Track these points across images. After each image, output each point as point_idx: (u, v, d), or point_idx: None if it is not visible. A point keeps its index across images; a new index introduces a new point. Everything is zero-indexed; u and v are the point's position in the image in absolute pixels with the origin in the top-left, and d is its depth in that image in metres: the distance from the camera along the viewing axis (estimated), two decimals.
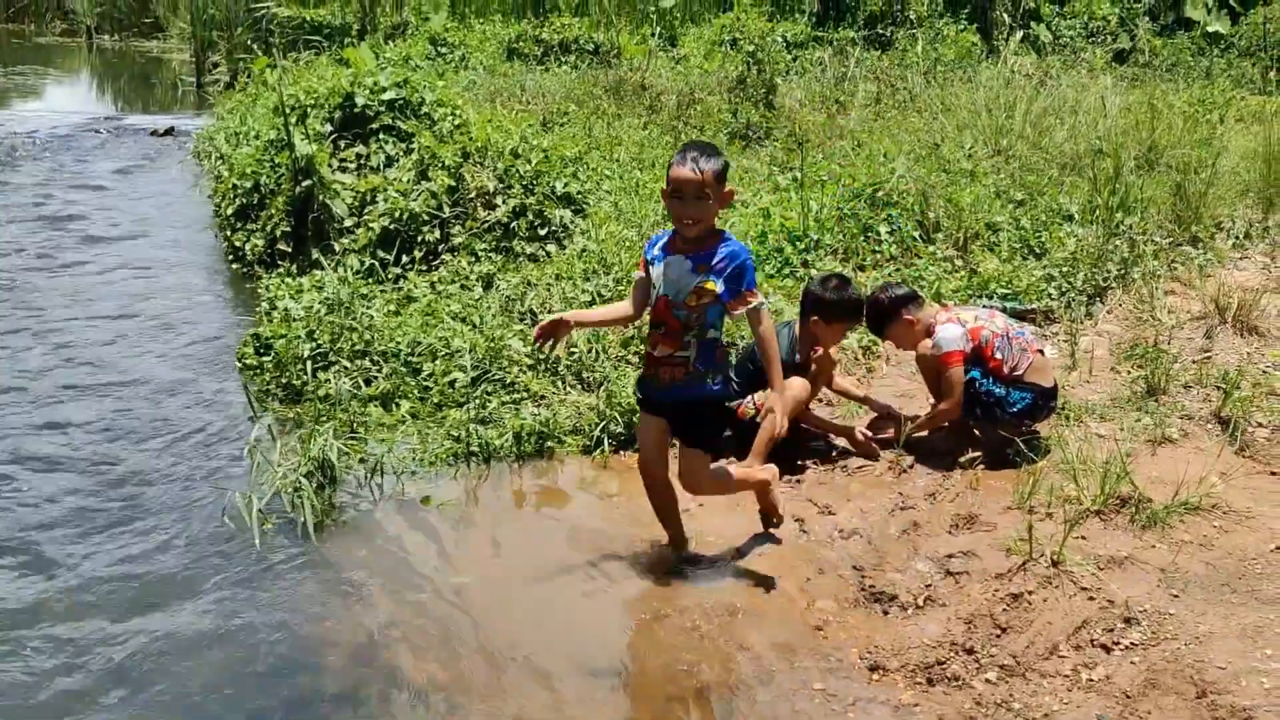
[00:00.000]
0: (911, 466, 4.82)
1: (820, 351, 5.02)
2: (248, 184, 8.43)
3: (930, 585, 3.91)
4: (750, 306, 3.86)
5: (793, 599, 3.98)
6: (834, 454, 5.07)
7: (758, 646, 3.72)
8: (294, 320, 6.38)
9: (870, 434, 5.08)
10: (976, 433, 4.91)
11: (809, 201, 7.03)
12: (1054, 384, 4.84)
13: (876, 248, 6.77)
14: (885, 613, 3.86)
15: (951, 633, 3.66)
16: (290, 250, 7.82)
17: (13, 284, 7.99)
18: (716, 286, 3.82)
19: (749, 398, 4.95)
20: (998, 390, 4.73)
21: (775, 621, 3.87)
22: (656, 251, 3.97)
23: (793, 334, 5.05)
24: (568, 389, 5.73)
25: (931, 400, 5.04)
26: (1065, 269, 6.65)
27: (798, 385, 4.85)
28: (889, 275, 6.45)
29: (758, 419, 4.63)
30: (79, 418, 5.61)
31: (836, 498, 4.64)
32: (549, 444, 5.24)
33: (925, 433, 4.99)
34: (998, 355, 4.75)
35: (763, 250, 6.79)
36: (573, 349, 5.84)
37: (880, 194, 7.09)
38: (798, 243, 6.72)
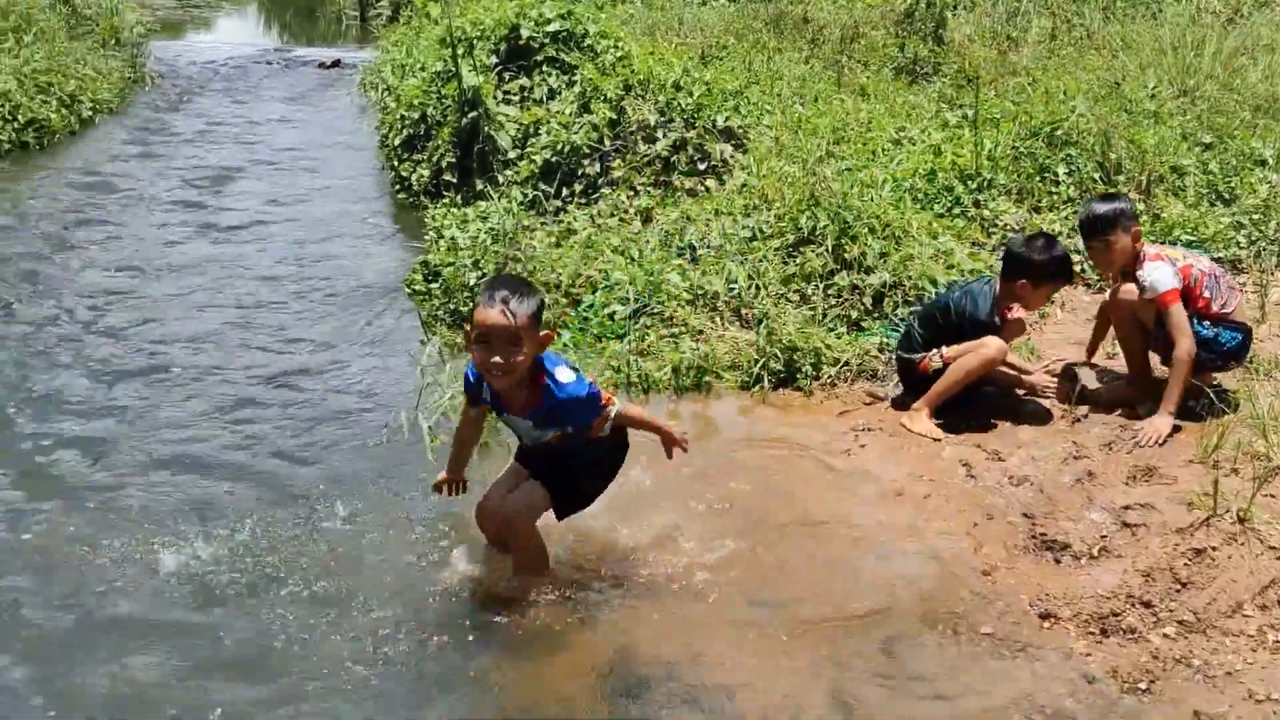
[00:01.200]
0: (1086, 416, 4.65)
1: (1014, 313, 4.82)
2: (414, 115, 8.62)
3: (1106, 536, 3.79)
4: (609, 420, 3.49)
5: (959, 543, 3.91)
6: (1005, 401, 4.93)
7: (922, 587, 3.68)
8: (460, 249, 6.54)
9: (1053, 377, 4.93)
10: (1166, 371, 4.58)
11: (983, 139, 6.77)
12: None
13: (1053, 189, 6.49)
14: (1057, 561, 3.76)
15: (1128, 585, 3.55)
16: (455, 181, 7.98)
17: (188, 205, 8.41)
18: (568, 430, 3.47)
19: (933, 351, 4.83)
20: (1205, 331, 4.47)
21: (940, 564, 3.81)
22: (486, 395, 3.48)
23: (994, 292, 4.83)
24: (726, 325, 5.71)
25: (1119, 354, 4.82)
26: (1256, 217, 6.26)
27: (994, 347, 4.70)
28: (1066, 218, 6.19)
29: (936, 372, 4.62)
30: (255, 336, 5.89)
31: (1006, 444, 4.51)
32: (706, 378, 5.25)
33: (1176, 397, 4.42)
34: (1206, 294, 4.47)
35: (931, 188, 6.60)
36: (732, 284, 5.82)
37: (1059, 133, 6.78)
38: (969, 182, 6.50)
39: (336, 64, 14.99)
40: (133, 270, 6.85)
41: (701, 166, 7.28)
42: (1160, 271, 4.45)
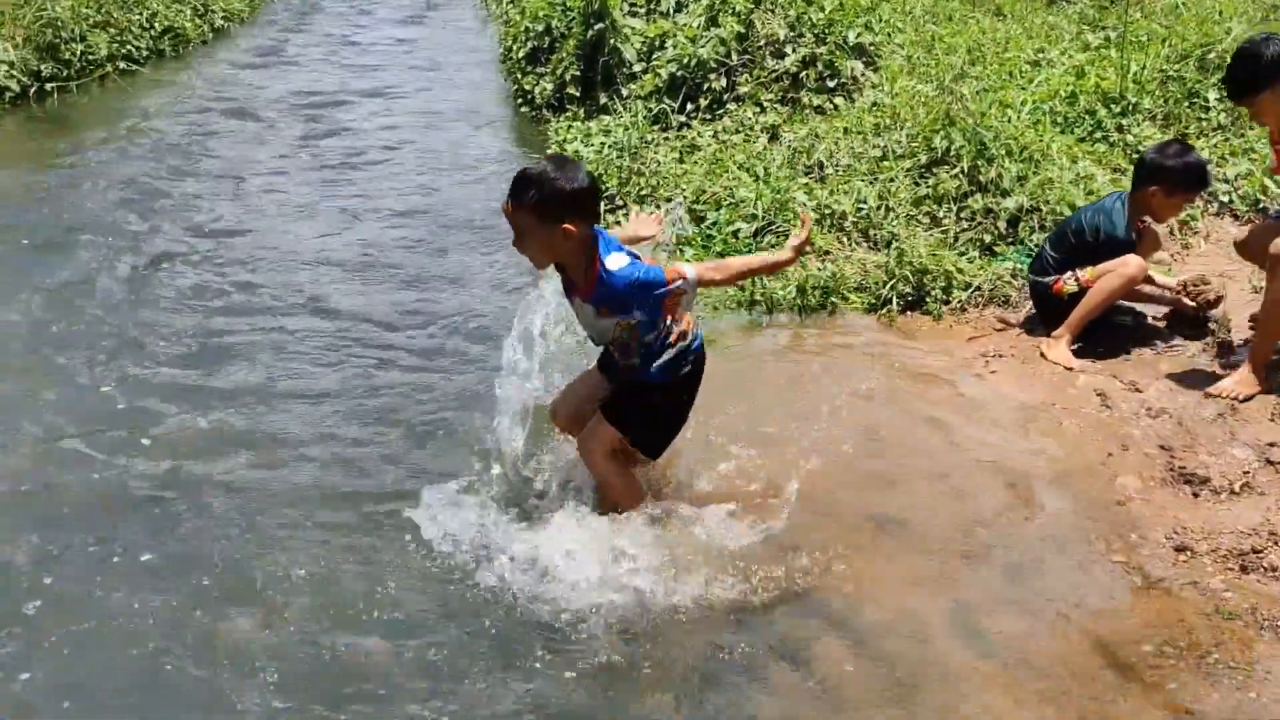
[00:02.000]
0: (1229, 345, 4.48)
1: (1147, 224, 4.66)
2: (539, 28, 8.59)
3: (1248, 472, 3.67)
4: (684, 294, 3.20)
5: (1093, 471, 3.82)
6: (1143, 330, 4.77)
7: (1055, 512, 3.62)
8: (584, 162, 6.52)
9: (1195, 297, 4.71)
10: None
11: (1128, 61, 6.47)
12: None
13: (1203, 115, 6.18)
14: (1195, 495, 3.65)
15: (1271, 522, 3.43)
16: (578, 95, 7.95)
17: (311, 119, 8.55)
18: (635, 318, 3.22)
19: (1068, 273, 4.69)
20: None
21: (1074, 491, 3.74)
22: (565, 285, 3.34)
23: (1127, 206, 4.66)
24: (853, 245, 5.63)
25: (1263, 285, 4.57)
26: None
27: (1135, 265, 4.54)
28: (1215, 146, 5.90)
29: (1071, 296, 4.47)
30: (384, 253, 5.97)
31: (1144, 375, 4.38)
32: (832, 299, 5.20)
33: None
34: None
35: (1072, 112, 6.35)
36: (861, 205, 5.72)
37: (1211, 56, 6.43)
38: (1113, 105, 6.24)
39: None
40: (255, 192, 6.97)
41: (830, 84, 7.11)
42: None
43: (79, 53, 9.00)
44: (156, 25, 10.36)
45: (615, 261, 3.14)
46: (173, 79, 9.52)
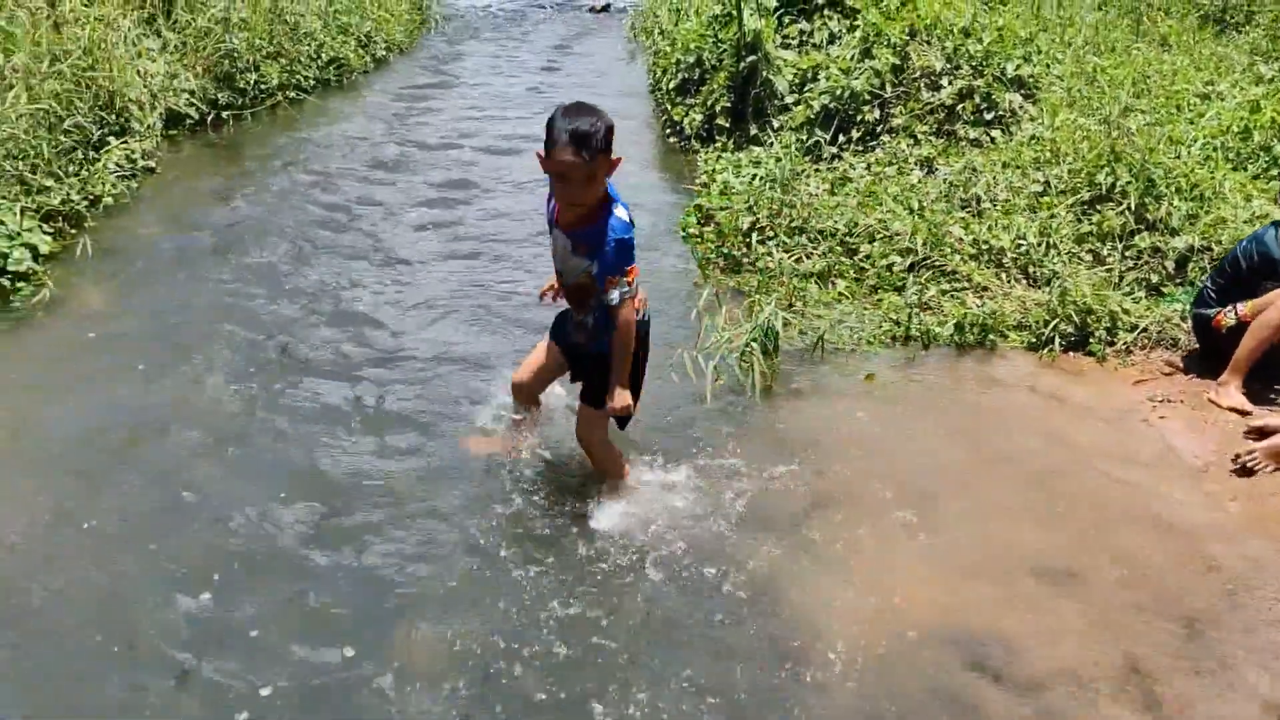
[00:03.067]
0: None
1: None
2: (690, 59, 8.67)
3: None
4: (609, 297, 3.39)
5: (1269, 528, 3.65)
6: None
7: (1231, 569, 3.47)
8: (734, 193, 6.57)
9: None
10: None
11: None
12: None
13: None
14: None
15: None
16: (728, 126, 7.99)
17: (468, 135, 8.80)
18: (593, 269, 3.40)
19: (1228, 307, 4.51)
20: None
21: (1250, 546, 3.58)
22: (548, 214, 3.60)
23: None
24: (1012, 282, 5.51)
25: None
26: None
27: None
28: None
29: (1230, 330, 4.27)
30: (521, 278, 6.11)
31: None
32: (991, 337, 5.09)
33: None
34: None
35: (1246, 148, 6.10)
36: (1020, 240, 5.59)
37: None
38: None
39: (606, 9, 15.29)
40: (416, 219, 7.21)
41: (988, 116, 6.99)
42: None
43: (253, 82, 9.49)
44: (323, 56, 10.83)
45: (622, 213, 3.41)
46: (338, 107, 9.93)
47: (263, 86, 9.63)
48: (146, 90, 8.17)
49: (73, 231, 6.25)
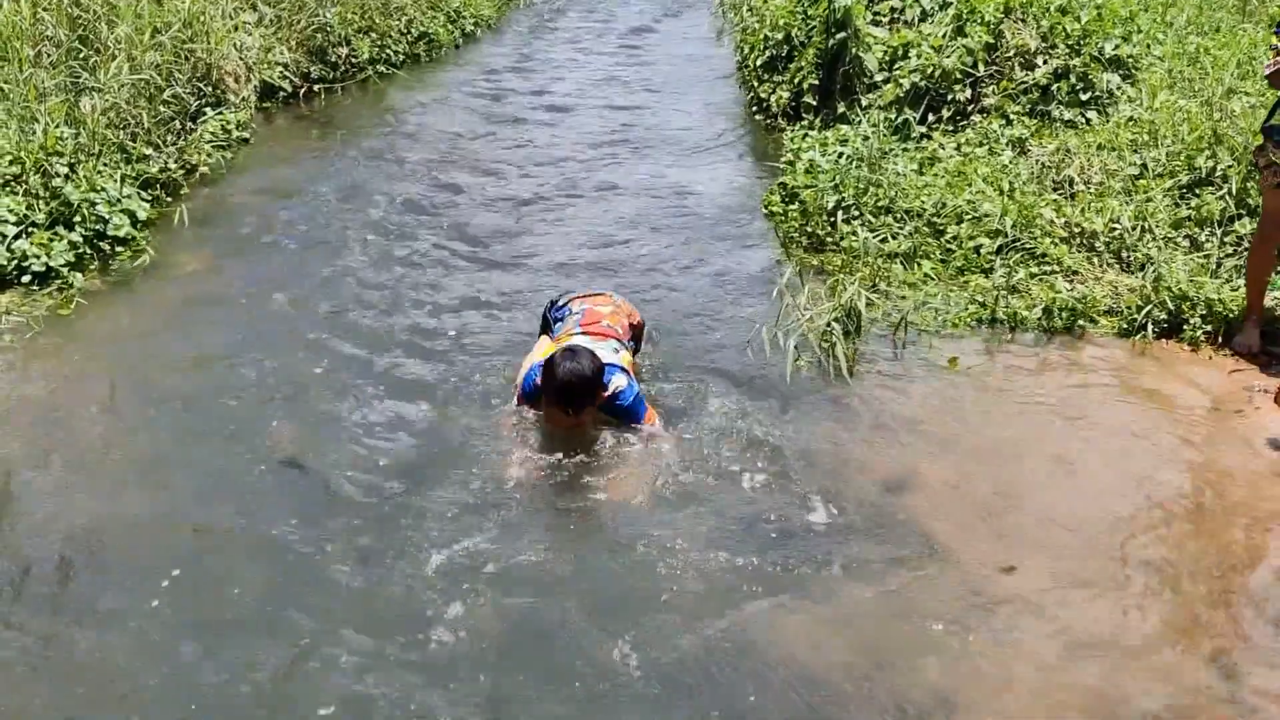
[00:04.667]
0: None
1: None
2: (779, 35, 8.58)
3: None
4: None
5: None
6: None
7: None
8: (820, 172, 6.50)
9: None
10: None
11: None
12: None
13: None
14: None
15: None
16: (815, 103, 7.91)
17: (550, 122, 8.84)
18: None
19: None
20: None
21: None
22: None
23: None
24: (1104, 267, 5.38)
25: None
26: None
27: None
28: None
29: None
30: (613, 254, 6.12)
31: None
32: (1080, 322, 4.98)
33: None
34: None
35: None
36: (1114, 224, 5.46)
37: None
38: None
39: None
40: (502, 193, 7.24)
41: (1084, 97, 6.81)
42: None
43: (344, 56, 9.65)
44: (413, 31, 10.96)
45: (620, 381, 3.82)
46: (428, 82, 10.06)
47: (354, 60, 9.79)
48: (242, 62, 8.35)
49: (169, 200, 6.43)
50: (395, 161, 7.54)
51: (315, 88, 9.25)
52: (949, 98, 7.15)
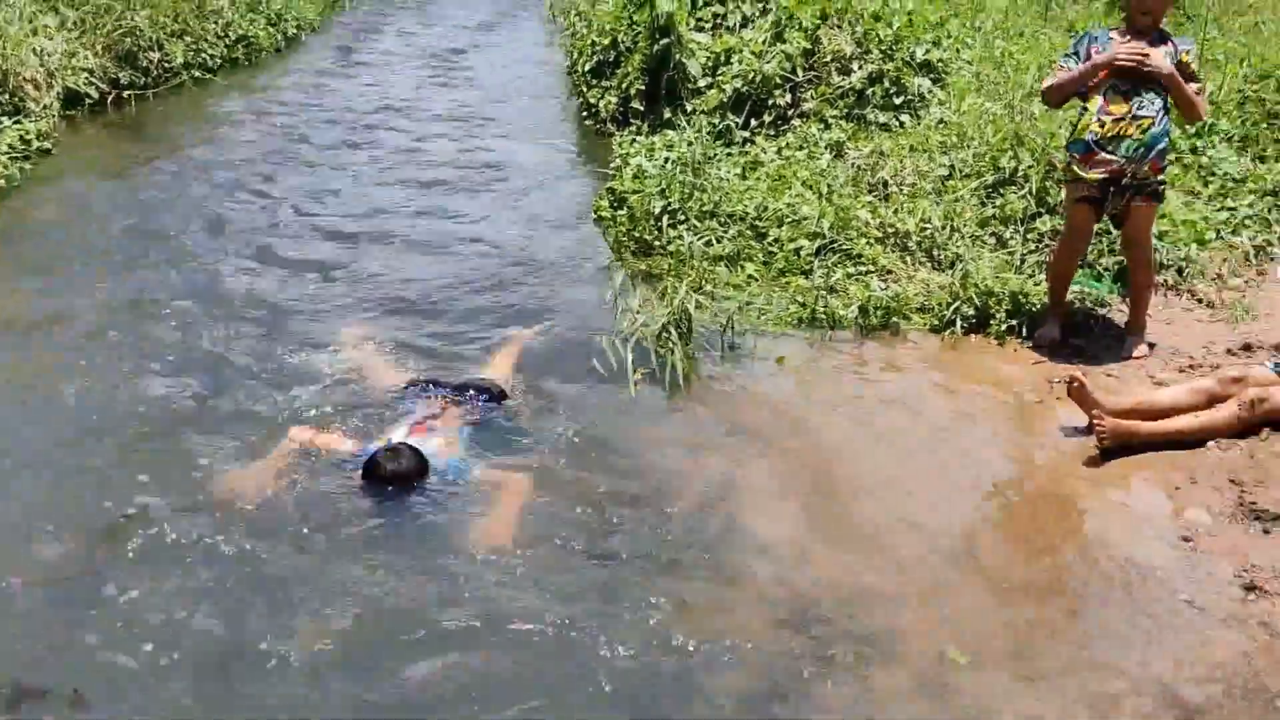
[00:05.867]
0: None
1: None
2: (605, 41, 8.63)
3: None
4: None
5: (1161, 505, 3.75)
6: (1209, 360, 4.67)
7: (1119, 548, 3.55)
8: (647, 177, 6.55)
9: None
10: None
11: (1205, 81, 6.33)
12: None
13: None
14: (1266, 532, 3.56)
15: None
16: (642, 109, 7.97)
17: (383, 121, 8.67)
18: None
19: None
20: None
21: (1139, 526, 3.67)
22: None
23: None
24: (916, 265, 5.58)
25: None
26: None
27: None
28: None
29: None
30: (449, 249, 6.06)
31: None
32: (895, 319, 5.15)
33: None
34: None
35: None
36: (925, 224, 5.67)
37: None
38: (1187, 127, 6.11)
39: None
40: (326, 191, 7.10)
41: (897, 101, 7.06)
42: None
43: (156, 60, 9.23)
44: (231, 34, 10.58)
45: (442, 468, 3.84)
46: (246, 87, 9.72)
47: (167, 65, 9.39)
48: (43, 69, 7.90)
49: None
50: (205, 174, 7.24)
51: (125, 94, 8.83)
52: (770, 103, 7.31)
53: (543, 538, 3.57)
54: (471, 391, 4.30)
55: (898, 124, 6.93)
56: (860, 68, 7.21)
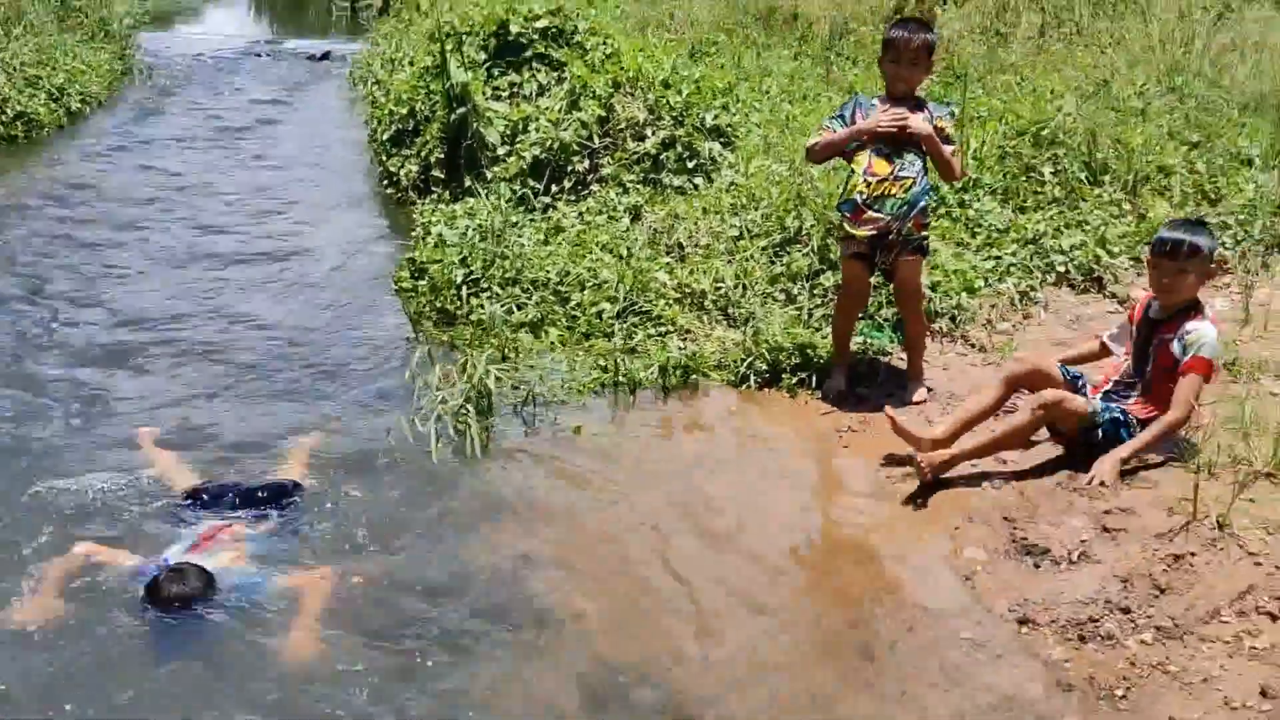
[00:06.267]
0: None
1: None
2: (403, 110, 8.59)
3: (1085, 541, 3.80)
4: None
5: (940, 546, 3.94)
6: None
7: (908, 591, 3.71)
8: (448, 246, 6.53)
9: None
10: None
11: (968, 138, 6.79)
12: None
13: (1039, 189, 6.50)
14: (1036, 566, 3.78)
15: (1106, 590, 3.57)
16: (443, 177, 7.97)
17: (173, 202, 8.38)
18: None
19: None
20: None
21: (920, 567, 3.85)
22: None
23: None
24: (713, 324, 5.73)
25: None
26: (1242, 217, 6.28)
27: None
28: (1051, 219, 6.20)
29: None
30: (242, 337, 5.89)
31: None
32: (694, 378, 5.27)
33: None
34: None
35: None
36: (719, 283, 5.84)
37: (1044, 132, 6.78)
38: (954, 181, 6.50)
39: (326, 56, 14.94)
40: (115, 270, 6.83)
41: (690, 164, 7.28)
42: (1211, 334, 4.05)
43: None
44: (8, 110, 10.08)
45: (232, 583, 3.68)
46: (23, 169, 9.23)
47: None
48: None
49: None
50: None
51: None
52: (569, 169, 7.42)
53: (344, 634, 3.48)
54: (262, 493, 4.14)
55: (692, 187, 7.13)
56: (653, 133, 7.40)
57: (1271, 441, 4.01)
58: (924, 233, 4.92)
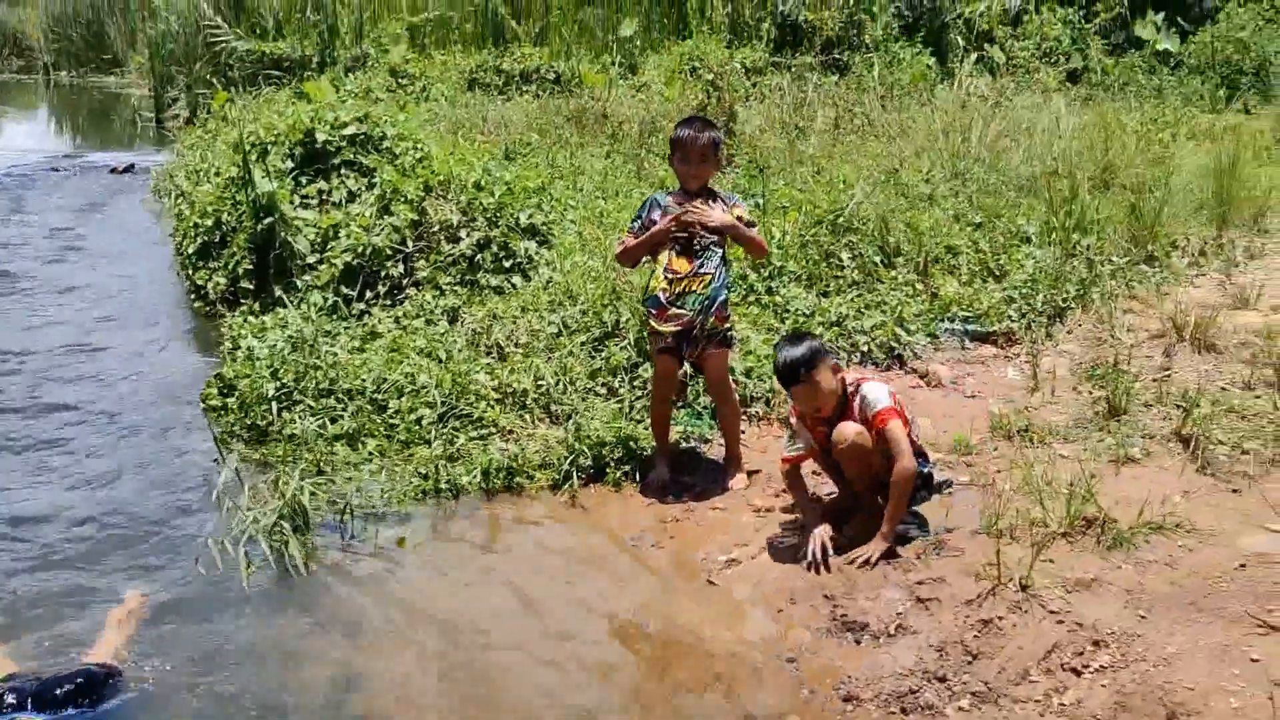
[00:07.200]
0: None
1: None
2: (209, 222, 8.36)
3: (901, 613, 3.92)
4: None
5: (768, 628, 3.98)
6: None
7: (737, 682, 3.72)
8: (257, 359, 6.33)
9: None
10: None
11: (771, 228, 7.07)
12: None
13: (839, 273, 6.81)
14: (858, 642, 3.87)
15: (924, 660, 3.68)
16: (253, 288, 7.77)
17: None
18: None
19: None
20: (924, 466, 4.37)
21: (749, 653, 3.87)
22: None
23: None
24: (536, 423, 5.72)
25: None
26: (1025, 290, 6.72)
27: None
28: (852, 300, 6.49)
29: None
30: (42, 461, 5.55)
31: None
32: (518, 479, 5.23)
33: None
34: (909, 416, 4.37)
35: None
36: (540, 381, 5.85)
37: (840, 220, 7.13)
38: (761, 269, 6.75)
39: (130, 169, 14.43)
40: None
41: (507, 264, 7.32)
42: (878, 389, 4.28)
43: None
44: None
45: None
46: None
47: None
48: None
49: None
50: None
51: None
52: (383, 273, 7.35)
53: None
54: (65, 689, 3.54)
55: (510, 286, 7.17)
56: (468, 235, 7.43)
57: (1064, 502, 4.24)
58: (726, 325, 5.06)
